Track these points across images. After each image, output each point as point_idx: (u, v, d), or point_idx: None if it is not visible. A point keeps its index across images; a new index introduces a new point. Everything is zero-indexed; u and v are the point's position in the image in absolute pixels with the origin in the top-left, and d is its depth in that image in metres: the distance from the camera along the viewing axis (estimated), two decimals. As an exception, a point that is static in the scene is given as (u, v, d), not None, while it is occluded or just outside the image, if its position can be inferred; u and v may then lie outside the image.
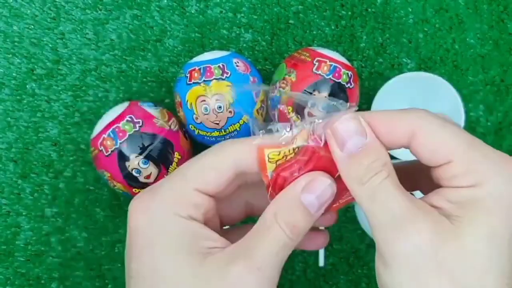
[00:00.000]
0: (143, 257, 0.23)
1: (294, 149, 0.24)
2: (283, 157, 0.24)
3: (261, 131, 0.25)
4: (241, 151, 0.24)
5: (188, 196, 0.23)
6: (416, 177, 0.28)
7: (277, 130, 0.25)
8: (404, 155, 0.43)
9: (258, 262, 0.22)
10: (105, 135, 0.40)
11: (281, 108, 0.27)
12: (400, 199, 0.22)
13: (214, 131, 0.42)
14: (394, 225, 0.21)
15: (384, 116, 0.23)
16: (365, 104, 0.49)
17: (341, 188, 0.25)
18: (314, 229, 0.30)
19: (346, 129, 0.23)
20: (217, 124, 0.41)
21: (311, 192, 0.23)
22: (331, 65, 0.42)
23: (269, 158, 0.24)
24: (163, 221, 0.23)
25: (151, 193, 0.24)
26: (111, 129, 0.40)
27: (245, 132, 0.42)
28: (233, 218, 0.29)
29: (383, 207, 0.22)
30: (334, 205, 0.26)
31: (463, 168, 0.22)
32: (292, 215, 0.23)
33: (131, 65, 0.48)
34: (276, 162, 0.24)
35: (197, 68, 0.41)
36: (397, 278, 0.21)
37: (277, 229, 0.23)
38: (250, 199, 0.29)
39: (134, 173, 0.40)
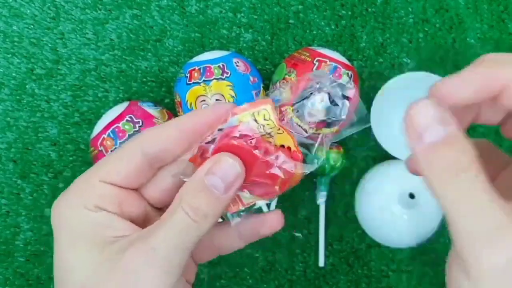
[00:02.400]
0: (56, 250, 0.23)
1: (271, 132, 0.24)
2: (261, 125, 0.24)
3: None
4: (149, 136, 0.24)
5: (93, 187, 0.23)
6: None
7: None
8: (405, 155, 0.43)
9: (153, 243, 0.22)
10: (105, 135, 0.40)
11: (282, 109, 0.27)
12: (494, 207, 0.18)
13: (214, 131, 0.42)
14: (487, 237, 0.18)
15: (480, 69, 0.22)
16: (365, 104, 0.49)
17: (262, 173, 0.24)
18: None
19: (424, 116, 0.20)
20: (217, 124, 0.41)
21: (214, 173, 0.23)
22: (331, 65, 0.42)
23: (258, 112, 0.24)
24: (68, 214, 0.23)
25: (64, 192, 0.24)
26: (111, 129, 0.40)
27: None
28: (159, 195, 0.27)
29: (474, 216, 0.19)
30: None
31: None
32: (196, 197, 0.23)
33: (131, 65, 0.48)
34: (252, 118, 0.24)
35: (197, 68, 0.41)
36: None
37: (179, 211, 0.22)
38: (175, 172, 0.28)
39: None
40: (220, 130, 0.24)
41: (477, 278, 0.19)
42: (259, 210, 0.27)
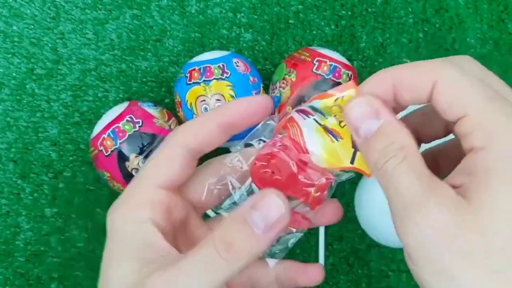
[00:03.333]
0: (104, 262, 0.23)
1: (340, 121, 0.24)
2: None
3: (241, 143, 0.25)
4: (190, 131, 0.24)
5: (147, 194, 0.23)
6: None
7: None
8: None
9: (176, 275, 0.21)
10: (105, 135, 0.40)
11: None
12: (412, 183, 0.20)
13: (214, 131, 0.42)
14: (405, 213, 0.20)
15: (407, 68, 0.22)
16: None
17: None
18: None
19: (357, 114, 0.22)
20: (217, 124, 0.41)
21: (257, 209, 0.21)
22: (331, 65, 0.42)
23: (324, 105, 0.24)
24: (122, 227, 0.23)
25: (118, 200, 0.25)
26: (111, 129, 0.40)
27: (245, 132, 0.42)
28: (199, 197, 0.27)
29: (396, 194, 0.20)
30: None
31: (478, 122, 0.20)
32: (231, 232, 0.21)
33: (131, 65, 0.48)
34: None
35: (197, 68, 0.41)
36: (420, 272, 0.20)
37: (209, 247, 0.21)
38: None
39: (134, 173, 0.40)
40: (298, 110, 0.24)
41: (411, 258, 0.20)
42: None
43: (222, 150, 0.45)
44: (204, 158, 0.27)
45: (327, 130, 0.24)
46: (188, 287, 0.20)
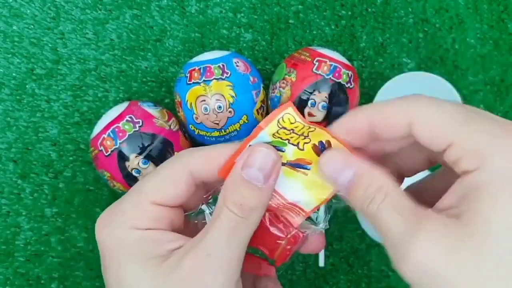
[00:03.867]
0: (109, 269, 0.23)
1: (303, 132, 0.23)
2: (290, 129, 0.24)
3: None
4: (197, 162, 0.24)
5: (146, 211, 0.23)
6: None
7: None
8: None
9: (207, 249, 0.22)
10: (105, 135, 0.40)
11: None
12: (397, 221, 0.21)
13: (214, 131, 0.42)
14: (397, 250, 0.20)
15: (378, 110, 0.23)
16: (365, 104, 0.49)
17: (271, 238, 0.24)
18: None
19: (331, 169, 0.23)
20: (217, 124, 0.41)
21: (251, 166, 0.23)
22: (331, 65, 0.42)
23: (282, 119, 0.24)
24: (122, 233, 0.23)
25: (112, 210, 0.24)
26: (111, 129, 0.40)
27: (245, 132, 0.42)
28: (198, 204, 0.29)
29: (385, 233, 0.21)
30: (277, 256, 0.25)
31: (464, 148, 0.20)
32: (238, 193, 0.23)
33: (131, 65, 0.48)
34: (280, 128, 0.24)
35: (197, 68, 0.41)
36: None
37: (225, 211, 0.22)
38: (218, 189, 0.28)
39: (134, 173, 0.40)
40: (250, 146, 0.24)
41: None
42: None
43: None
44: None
45: (292, 166, 0.24)
46: (221, 254, 0.22)
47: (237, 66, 0.42)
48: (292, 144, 0.24)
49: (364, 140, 0.24)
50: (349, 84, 0.42)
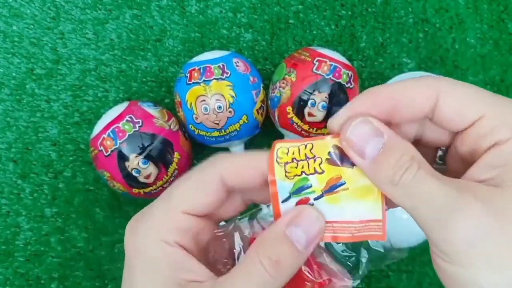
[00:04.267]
0: (127, 279, 0.23)
1: (305, 154, 0.23)
2: (292, 159, 0.23)
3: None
4: (230, 168, 0.23)
5: (175, 220, 0.23)
6: None
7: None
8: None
9: None
10: (104, 135, 0.40)
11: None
12: (440, 187, 0.20)
13: (214, 131, 0.42)
14: (444, 216, 0.19)
15: (403, 86, 0.22)
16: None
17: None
18: None
19: (359, 135, 0.21)
20: (217, 124, 0.41)
21: (297, 226, 0.22)
22: (331, 65, 0.42)
23: (278, 156, 0.23)
24: (146, 245, 0.22)
25: (142, 215, 0.23)
26: (110, 129, 0.40)
27: (245, 132, 0.42)
28: (230, 215, 0.27)
29: (425, 201, 0.20)
30: None
31: (497, 119, 0.20)
32: (275, 250, 0.21)
33: (130, 65, 0.48)
34: (285, 165, 0.23)
35: (197, 68, 0.41)
36: (469, 273, 0.19)
37: (256, 264, 0.21)
38: (248, 197, 0.27)
39: (133, 173, 0.40)
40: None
41: (457, 260, 0.20)
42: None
43: (222, 150, 0.45)
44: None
45: (330, 192, 0.23)
46: None
47: (237, 66, 0.42)
48: (311, 174, 0.23)
49: (382, 120, 0.22)
50: (349, 84, 0.42)
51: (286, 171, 0.23)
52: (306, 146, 0.23)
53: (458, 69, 0.50)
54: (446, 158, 0.25)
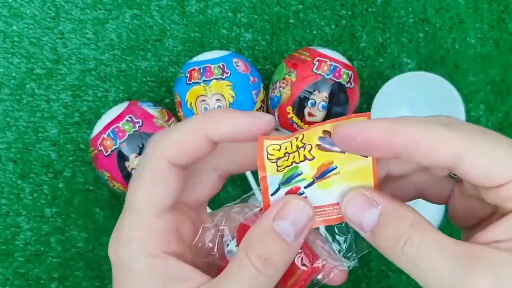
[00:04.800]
0: None
1: (297, 145, 0.22)
2: (284, 154, 0.22)
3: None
4: (168, 142, 0.21)
5: (152, 227, 0.21)
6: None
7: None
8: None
9: None
10: (104, 135, 0.40)
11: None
12: (447, 262, 0.19)
13: (214, 131, 0.42)
14: (453, 285, 0.19)
15: (427, 131, 0.20)
16: (365, 104, 0.49)
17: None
18: None
19: (354, 210, 0.21)
20: (217, 124, 0.41)
21: (284, 218, 0.21)
22: (331, 64, 0.42)
23: (268, 153, 0.22)
24: (133, 264, 0.21)
25: (117, 233, 0.22)
26: (110, 129, 0.40)
27: (245, 132, 0.42)
28: (205, 196, 0.25)
29: (432, 277, 0.19)
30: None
31: None
32: (264, 247, 0.20)
33: (130, 64, 0.48)
34: (276, 161, 0.22)
35: (197, 68, 0.41)
36: None
37: (246, 264, 0.20)
38: (226, 164, 0.25)
39: (133, 173, 0.40)
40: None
41: None
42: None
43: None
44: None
45: (321, 178, 0.22)
46: None
47: (237, 66, 0.42)
48: (301, 161, 0.22)
49: (387, 153, 0.21)
50: (349, 84, 0.42)
51: (277, 166, 0.22)
52: (297, 138, 0.22)
53: (458, 69, 0.50)
54: (464, 180, 0.24)
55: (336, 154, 0.22)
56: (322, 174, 0.22)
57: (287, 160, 0.22)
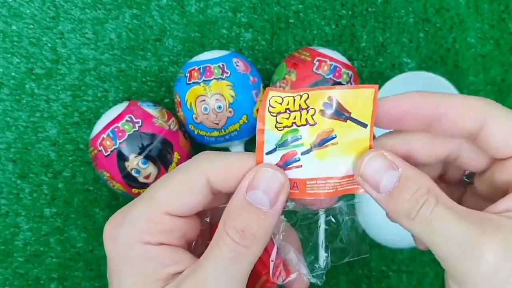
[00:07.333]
0: (112, 282, 0.22)
1: (300, 105, 0.21)
2: (285, 109, 0.22)
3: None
4: (216, 169, 0.22)
5: (158, 223, 0.22)
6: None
7: None
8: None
9: (203, 282, 0.20)
10: (104, 135, 0.40)
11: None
12: (460, 223, 0.20)
13: (214, 131, 0.41)
14: (463, 252, 0.19)
15: (454, 100, 0.21)
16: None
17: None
18: None
19: (374, 169, 0.21)
20: (217, 124, 0.41)
21: (255, 188, 0.21)
22: (331, 64, 0.41)
23: (270, 105, 0.21)
24: (128, 248, 0.22)
25: (121, 217, 0.22)
26: (110, 129, 0.40)
27: (245, 132, 0.42)
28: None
29: (445, 237, 0.20)
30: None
31: None
32: (240, 218, 0.21)
33: (130, 64, 0.48)
34: (277, 115, 0.22)
35: (196, 67, 0.41)
36: None
37: (225, 238, 0.20)
38: None
39: (133, 173, 0.40)
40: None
41: None
42: None
43: (222, 150, 0.44)
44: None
45: (320, 146, 0.22)
46: (219, 285, 0.20)
47: (237, 65, 0.42)
48: (302, 125, 0.22)
49: (419, 125, 0.22)
50: (349, 84, 0.42)
51: (277, 121, 0.22)
52: (301, 96, 0.22)
53: (458, 69, 0.49)
54: (475, 179, 0.25)
55: (338, 122, 0.22)
56: (321, 142, 0.22)
57: (287, 118, 0.22)
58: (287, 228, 0.25)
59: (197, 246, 0.25)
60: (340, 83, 0.41)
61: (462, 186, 0.25)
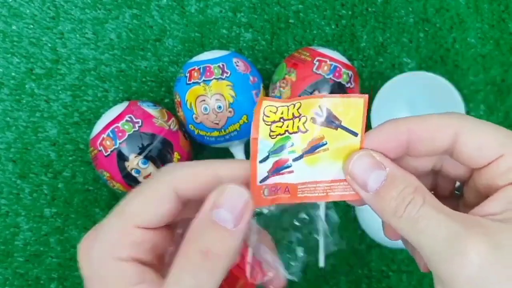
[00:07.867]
0: None
1: (293, 113, 0.22)
2: (280, 119, 0.22)
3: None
4: (182, 179, 0.22)
5: (129, 235, 0.22)
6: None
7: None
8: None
9: None
10: (104, 135, 0.40)
11: None
12: (446, 223, 0.20)
13: (214, 131, 0.41)
14: (449, 252, 0.20)
15: (424, 122, 0.22)
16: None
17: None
18: None
19: (362, 168, 0.22)
20: (217, 124, 0.41)
21: (220, 206, 0.21)
22: (331, 64, 0.41)
23: (265, 115, 0.22)
24: (100, 264, 0.22)
25: (94, 233, 0.23)
26: (110, 129, 0.40)
27: (245, 132, 0.42)
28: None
29: (431, 237, 0.20)
30: None
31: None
32: (204, 239, 0.20)
33: (130, 64, 0.48)
34: (271, 124, 0.22)
35: (196, 67, 0.41)
36: None
37: (190, 256, 0.20)
38: None
39: (133, 173, 0.40)
40: None
41: None
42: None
43: (222, 150, 0.44)
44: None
45: (310, 153, 0.23)
46: None
47: (237, 65, 0.42)
48: (294, 132, 0.23)
49: (399, 152, 0.23)
50: (349, 84, 0.42)
51: (271, 130, 0.22)
52: (294, 105, 0.22)
53: (458, 69, 0.49)
54: (464, 190, 0.25)
55: (329, 130, 0.23)
56: (312, 148, 0.23)
57: (281, 127, 0.23)
58: (259, 230, 0.25)
59: (171, 258, 0.25)
60: (340, 83, 0.41)
61: (454, 199, 0.26)
